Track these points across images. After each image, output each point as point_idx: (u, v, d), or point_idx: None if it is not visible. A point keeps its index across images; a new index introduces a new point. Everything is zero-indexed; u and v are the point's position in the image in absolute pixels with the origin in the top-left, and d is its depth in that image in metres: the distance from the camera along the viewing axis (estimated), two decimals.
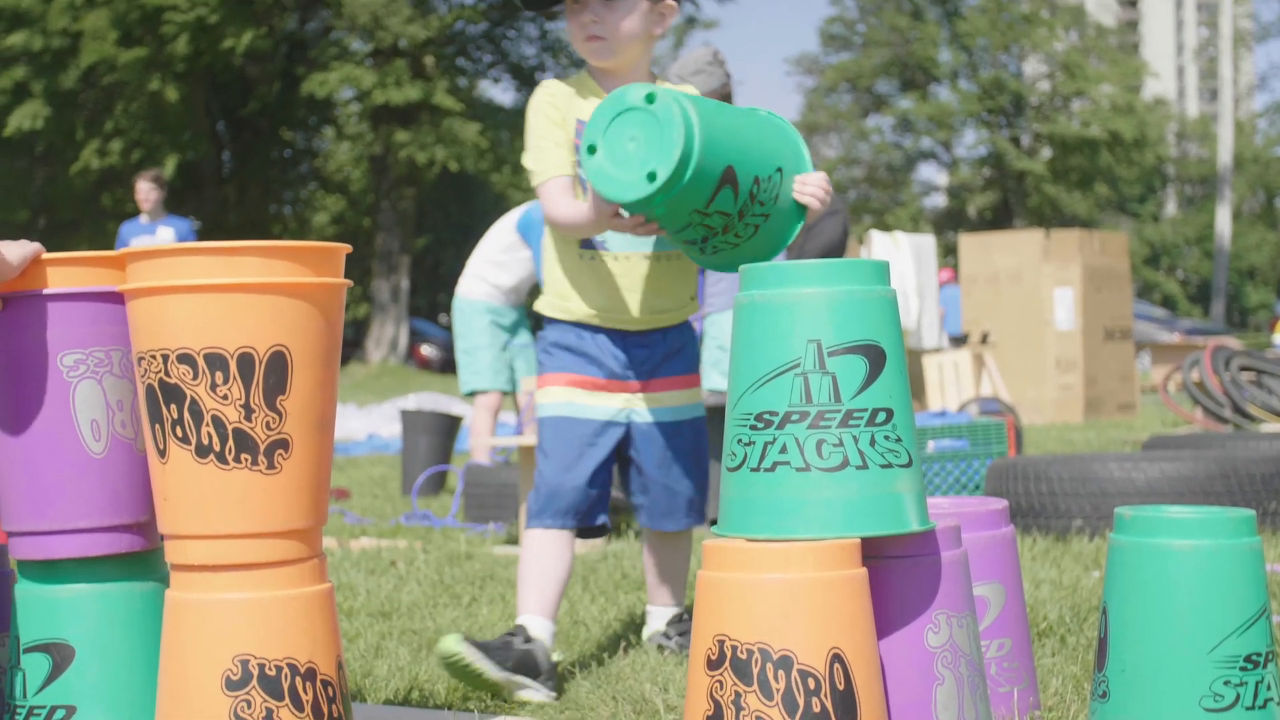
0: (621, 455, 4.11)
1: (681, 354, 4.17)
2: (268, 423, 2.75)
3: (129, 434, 2.94)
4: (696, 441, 4.17)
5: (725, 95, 7.14)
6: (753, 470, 2.93)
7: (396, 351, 39.20)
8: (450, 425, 9.53)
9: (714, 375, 6.95)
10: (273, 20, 37.16)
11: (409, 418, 9.55)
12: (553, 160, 3.94)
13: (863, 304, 2.93)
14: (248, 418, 2.74)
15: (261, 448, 2.75)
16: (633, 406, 4.07)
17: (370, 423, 17.07)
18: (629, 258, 4.01)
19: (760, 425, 2.92)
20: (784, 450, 2.90)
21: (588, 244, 4.00)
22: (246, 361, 2.74)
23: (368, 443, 14.56)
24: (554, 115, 3.97)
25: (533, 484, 6.61)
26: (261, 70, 37.51)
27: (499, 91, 76.86)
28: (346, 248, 2.88)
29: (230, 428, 2.74)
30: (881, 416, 2.92)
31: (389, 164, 39.10)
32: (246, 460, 2.75)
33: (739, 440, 2.95)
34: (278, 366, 2.75)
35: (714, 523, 5.27)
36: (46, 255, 2.91)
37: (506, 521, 7.39)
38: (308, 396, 2.78)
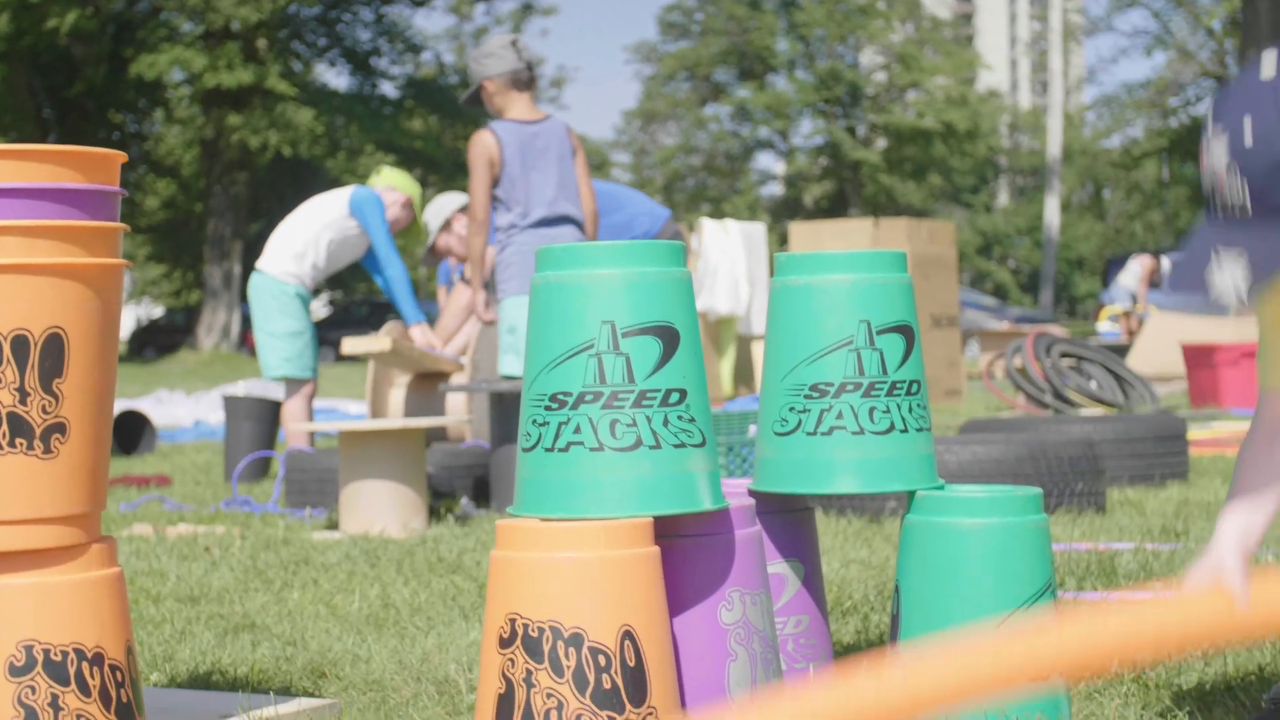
0: None
1: None
2: (44, 406, 2.70)
3: None
4: None
5: (519, 81, 7.18)
6: (547, 450, 2.94)
7: (229, 338, 38.74)
8: (275, 411, 9.43)
9: (508, 359, 6.99)
10: (99, 0, 36.55)
11: (232, 404, 9.44)
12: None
13: (657, 285, 2.95)
14: (23, 401, 2.69)
15: (37, 432, 2.70)
16: None
17: (198, 409, 16.85)
18: None
19: (555, 406, 2.93)
20: (578, 430, 2.91)
21: None
22: (21, 344, 2.68)
23: (194, 429, 14.38)
24: None
25: (352, 470, 6.60)
26: (88, 51, 36.83)
27: (334, 76, 76.09)
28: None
29: (4, 412, 2.69)
30: (675, 397, 2.94)
31: (221, 148, 38.63)
32: (22, 445, 2.69)
33: (534, 421, 2.96)
34: (54, 349, 2.70)
35: None
36: None
37: (327, 507, 7.34)
38: (85, 379, 2.74)
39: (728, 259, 14.41)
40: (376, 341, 7.93)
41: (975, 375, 20.77)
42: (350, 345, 8.00)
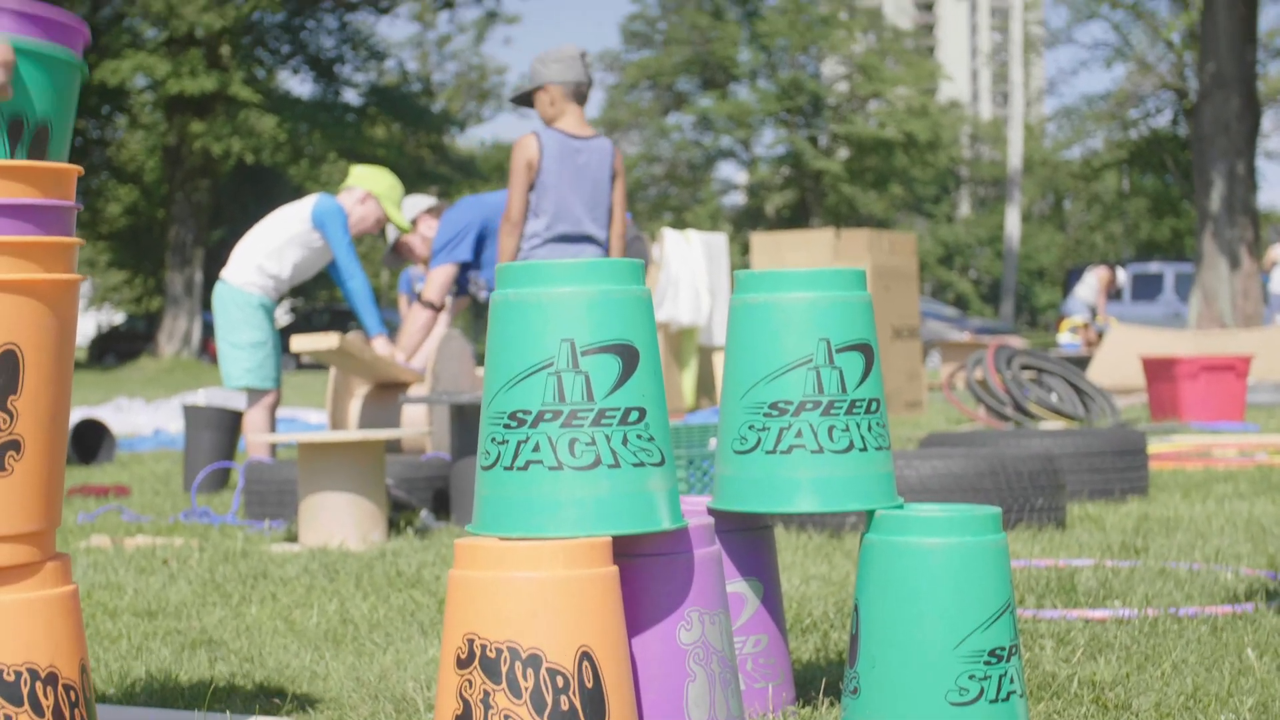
0: None
1: None
2: None
3: None
4: None
5: (578, 94, 7.22)
6: (506, 469, 2.93)
7: (190, 346, 38.61)
8: (235, 421, 9.39)
9: None
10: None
11: (192, 413, 9.40)
12: None
13: (617, 303, 2.95)
14: None
15: None
16: None
17: (158, 418, 16.77)
18: None
19: (514, 424, 2.93)
20: (537, 449, 2.91)
21: None
22: None
23: (154, 438, 14.30)
24: None
25: (312, 481, 6.58)
26: None
27: (297, 83, 75.96)
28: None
29: None
30: (634, 415, 2.94)
31: (183, 155, 38.53)
32: None
33: (493, 439, 2.96)
34: (8, 366, 2.67)
35: None
36: None
37: (286, 519, 7.31)
38: (40, 396, 2.71)
39: (689, 270, 14.41)
40: (324, 339, 7.87)
41: (936, 386, 20.84)
42: (298, 343, 7.94)
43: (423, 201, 9.30)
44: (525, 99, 7.34)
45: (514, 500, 2.92)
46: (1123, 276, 23.72)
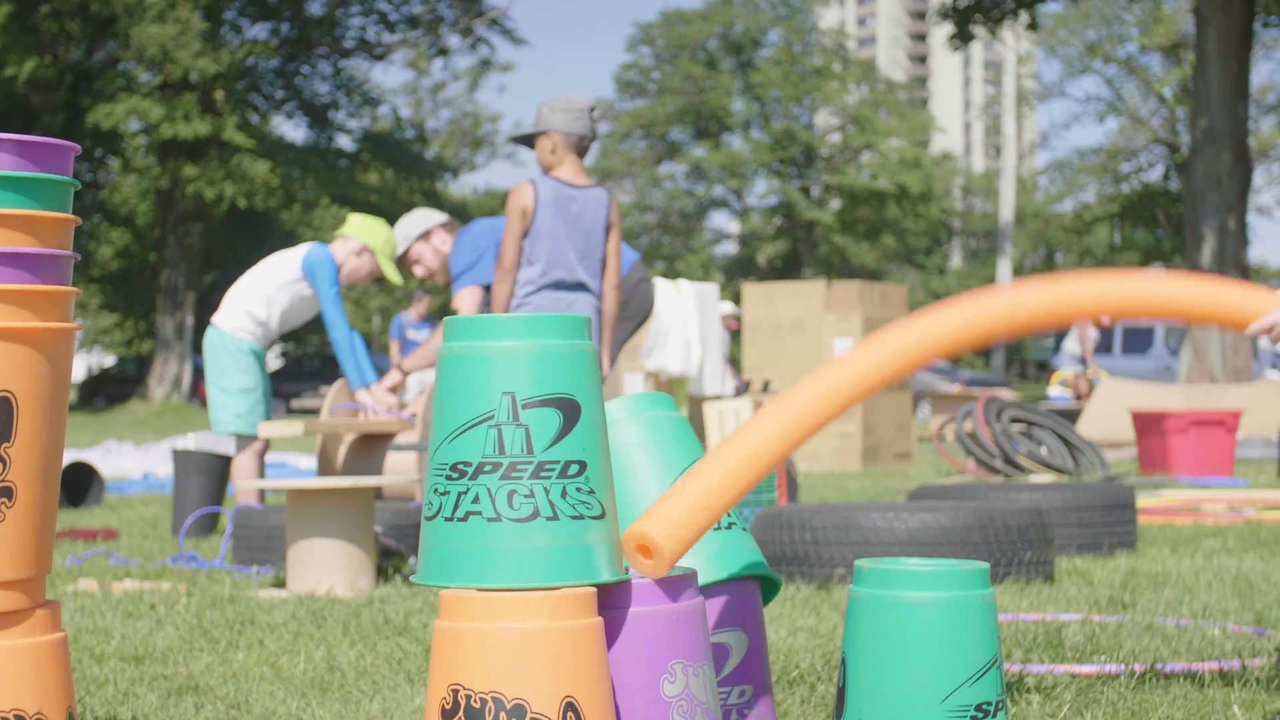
0: None
1: None
2: None
3: None
4: None
5: (580, 146, 7.29)
6: (447, 520, 2.94)
7: (180, 389, 38.57)
8: (224, 466, 9.39)
9: None
10: (58, 49, 36.51)
11: (181, 457, 9.39)
12: None
13: (559, 358, 2.97)
14: None
15: None
16: None
17: (147, 461, 16.76)
18: None
19: (455, 475, 2.94)
20: (476, 500, 2.92)
21: None
22: None
23: (143, 482, 14.30)
24: None
25: (300, 528, 6.57)
26: (45, 100, 36.77)
27: (291, 128, 76.11)
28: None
29: None
30: (574, 469, 2.95)
31: (176, 198, 38.57)
32: None
33: (435, 490, 2.97)
34: (2, 413, 2.69)
35: None
36: None
37: (275, 565, 7.30)
38: (33, 443, 2.72)
39: (680, 319, 14.43)
40: (289, 426, 7.86)
41: (926, 438, 20.86)
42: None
43: (437, 216, 9.25)
44: (527, 141, 7.40)
45: (454, 551, 2.93)
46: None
